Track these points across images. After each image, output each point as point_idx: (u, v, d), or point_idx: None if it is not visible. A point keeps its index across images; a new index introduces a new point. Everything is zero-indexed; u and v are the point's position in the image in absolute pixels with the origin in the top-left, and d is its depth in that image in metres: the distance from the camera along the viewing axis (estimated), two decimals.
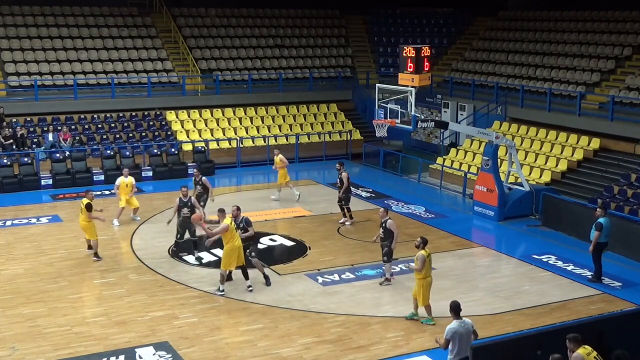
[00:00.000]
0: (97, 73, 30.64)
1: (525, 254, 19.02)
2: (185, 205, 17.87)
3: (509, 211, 21.84)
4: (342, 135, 31.40)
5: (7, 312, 14.84)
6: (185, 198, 17.98)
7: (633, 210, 20.59)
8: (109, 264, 17.66)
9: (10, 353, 13.10)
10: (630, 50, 27.94)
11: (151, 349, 13.25)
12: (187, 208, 17.82)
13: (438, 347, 13.42)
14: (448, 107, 31.04)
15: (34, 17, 32.27)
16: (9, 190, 24.38)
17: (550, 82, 28.65)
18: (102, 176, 25.69)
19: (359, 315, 14.84)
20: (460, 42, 35.80)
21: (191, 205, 17.94)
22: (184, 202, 17.91)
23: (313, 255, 18.45)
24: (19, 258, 18.05)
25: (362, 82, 34.32)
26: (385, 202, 23.51)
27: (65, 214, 21.67)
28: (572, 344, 10.11)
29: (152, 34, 33.31)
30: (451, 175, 26.43)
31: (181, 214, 17.90)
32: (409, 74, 21.56)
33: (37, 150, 26.41)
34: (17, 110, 28.12)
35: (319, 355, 13.21)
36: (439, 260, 18.07)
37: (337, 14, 38.39)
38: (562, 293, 16.28)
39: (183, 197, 17.99)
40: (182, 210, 17.87)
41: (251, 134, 30.33)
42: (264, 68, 33.87)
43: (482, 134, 23.46)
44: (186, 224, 17.88)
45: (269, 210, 22.56)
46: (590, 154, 24.73)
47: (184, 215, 17.79)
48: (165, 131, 29.42)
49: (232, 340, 13.71)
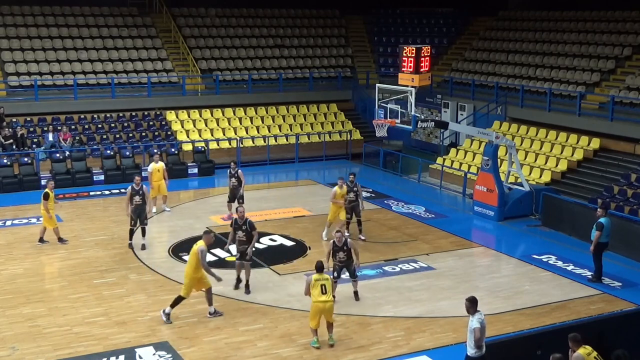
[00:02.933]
0: (97, 73, 30.64)
1: (525, 254, 19.02)
2: (137, 194, 18.67)
3: (509, 211, 21.85)
4: (342, 135, 31.40)
5: (7, 312, 14.83)
6: (137, 187, 18.70)
7: (633, 210, 20.58)
8: (109, 264, 17.66)
9: (10, 353, 13.10)
10: (630, 50, 27.94)
11: (151, 349, 13.25)
12: (139, 196, 18.67)
13: (442, 346, 13.50)
14: (448, 107, 31.04)
15: (34, 17, 32.27)
16: (9, 190, 24.37)
17: (550, 82, 28.65)
18: (102, 176, 25.70)
19: (359, 315, 14.84)
20: (460, 42, 35.80)
21: (142, 193, 18.78)
22: (136, 191, 18.67)
23: (313, 255, 18.43)
24: (19, 258, 18.05)
25: (362, 82, 34.32)
26: (385, 202, 23.55)
27: (65, 214, 21.65)
28: (572, 343, 10.12)
29: (152, 34, 33.31)
30: (451, 175, 26.43)
31: (133, 201, 18.63)
32: (409, 74, 21.56)
33: (37, 150, 26.41)
34: (17, 110, 28.12)
35: (319, 355, 13.21)
36: (439, 260, 18.09)
37: (337, 14, 38.39)
38: (562, 293, 16.28)
39: (135, 186, 18.70)
40: (135, 198, 18.63)
41: (251, 134, 30.33)
42: (264, 68, 33.88)
43: (482, 134, 23.47)
44: (138, 211, 18.72)
45: (269, 210, 22.55)
46: (590, 154, 24.73)
47: (136, 203, 18.63)
48: (165, 131, 29.42)
49: (232, 340, 13.71)
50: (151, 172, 21.74)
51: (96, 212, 22.38)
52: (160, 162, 22.15)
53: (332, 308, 13.43)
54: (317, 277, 13.30)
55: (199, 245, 14.28)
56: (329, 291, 13.25)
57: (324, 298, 13.19)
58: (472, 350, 10.98)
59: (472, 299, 11.23)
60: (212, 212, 22.35)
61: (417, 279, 17.04)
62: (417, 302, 15.77)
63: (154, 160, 22.26)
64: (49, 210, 18.71)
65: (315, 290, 13.22)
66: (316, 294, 13.21)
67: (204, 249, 14.30)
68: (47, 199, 18.64)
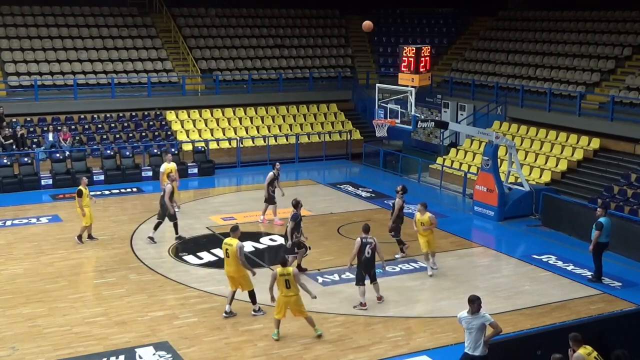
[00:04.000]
0: (97, 73, 30.64)
1: (525, 254, 19.02)
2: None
3: (509, 211, 21.85)
4: (342, 135, 31.40)
5: (7, 312, 14.84)
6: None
7: (633, 210, 20.58)
8: (109, 264, 17.66)
9: (10, 353, 13.10)
10: (630, 50, 27.93)
11: (151, 349, 13.25)
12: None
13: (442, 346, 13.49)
14: (448, 107, 31.04)
15: (34, 17, 32.27)
16: (9, 190, 24.37)
17: (550, 82, 28.65)
18: (102, 176, 25.69)
19: (359, 315, 14.84)
20: (460, 42, 35.80)
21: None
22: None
23: (313, 255, 18.45)
24: (19, 258, 18.05)
25: (362, 82, 34.32)
26: (385, 202, 23.54)
27: (66, 214, 21.67)
28: (572, 343, 10.11)
29: (152, 34, 33.31)
30: (451, 175, 26.43)
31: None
32: (409, 74, 21.54)
33: (37, 150, 26.41)
34: (17, 110, 28.12)
35: (319, 355, 13.21)
36: (439, 260, 18.08)
37: (337, 14, 38.40)
38: (562, 293, 16.29)
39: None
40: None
41: (251, 134, 30.33)
42: (264, 68, 33.88)
43: (482, 134, 23.47)
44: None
45: (269, 210, 22.49)
46: (590, 154, 24.73)
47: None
48: (165, 131, 29.42)
49: (232, 340, 13.72)
50: (163, 171, 21.37)
51: (96, 212, 22.24)
52: (172, 162, 22.00)
53: (297, 302, 13.52)
54: (282, 271, 13.42)
55: (235, 243, 14.26)
56: (292, 285, 13.38)
57: (288, 292, 13.40)
58: (484, 349, 10.86)
59: (473, 298, 11.09)
60: (212, 212, 22.34)
61: (417, 279, 17.05)
62: (417, 302, 15.78)
63: (165, 160, 22.23)
64: (84, 207, 18.77)
65: (280, 284, 13.43)
66: (281, 288, 13.43)
67: (242, 245, 14.44)
68: (81, 196, 18.75)
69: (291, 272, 13.48)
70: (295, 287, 13.47)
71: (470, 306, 10.98)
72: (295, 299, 13.52)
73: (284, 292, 13.45)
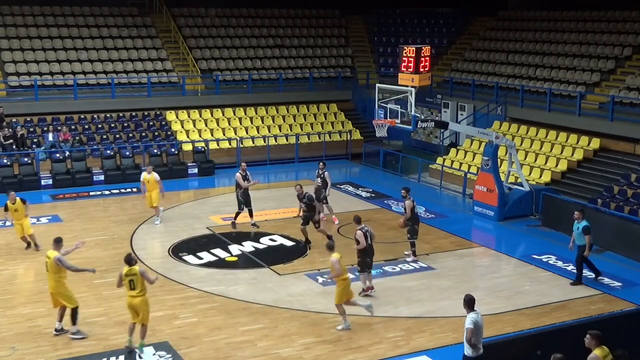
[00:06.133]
0: (97, 73, 30.64)
1: (525, 254, 19.02)
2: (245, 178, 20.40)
3: (509, 211, 21.85)
4: (342, 135, 31.40)
5: (7, 312, 14.85)
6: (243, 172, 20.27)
7: (633, 210, 20.57)
8: (109, 264, 17.64)
9: (10, 353, 13.10)
10: (630, 50, 27.93)
11: (151, 349, 13.24)
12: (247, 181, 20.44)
13: (442, 346, 13.46)
14: (448, 107, 31.04)
15: (34, 17, 32.27)
16: (9, 190, 24.31)
17: (550, 82, 28.65)
18: (102, 176, 25.69)
19: (359, 315, 14.83)
20: (460, 42, 35.79)
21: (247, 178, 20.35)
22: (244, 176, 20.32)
23: (313, 255, 18.45)
24: (19, 258, 18.05)
25: (362, 82, 34.32)
26: (385, 202, 23.56)
27: (65, 214, 21.66)
28: (590, 338, 9.91)
29: (152, 34, 33.32)
30: (451, 175, 26.43)
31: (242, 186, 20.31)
32: (409, 74, 21.56)
33: (37, 150, 26.41)
34: (17, 110, 28.12)
35: (319, 355, 13.21)
36: (440, 260, 18.09)
37: (337, 14, 38.40)
38: (562, 293, 16.28)
39: (242, 172, 20.28)
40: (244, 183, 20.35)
41: (251, 134, 30.33)
42: (264, 68, 33.88)
43: (482, 134, 23.47)
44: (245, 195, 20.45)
45: (269, 210, 22.54)
46: (590, 154, 24.72)
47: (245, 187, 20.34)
48: (165, 131, 29.42)
49: (232, 340, 13.71)
50: (142, 181, 20.90)
51: (96, 212, 22.37)
52: (152, 173, 20.98)
53: (141, 303, 12.95)
54: (127, 271, 13.00)
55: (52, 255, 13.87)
56: (137, 286, 12.93)
57: (132, 293, 12.95)
58: (468, 350, 10.93)
59: (466, 299, 11.09)
60: (212, 212, 22.34)
61: (417, 279, 17.05)
62: (417, 302, 15.77)
63: (147, 170, 21.22)
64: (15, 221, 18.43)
65: (125, 285, 13.02)
66: (126, 288, 13.03)
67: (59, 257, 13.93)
68: (7, 210, 18.59)
69: (137, 272, 12.96)
70: (141, 288, 12.94)
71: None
72: (139, 300, 12.94)
73: (129, 292, 12.95)
